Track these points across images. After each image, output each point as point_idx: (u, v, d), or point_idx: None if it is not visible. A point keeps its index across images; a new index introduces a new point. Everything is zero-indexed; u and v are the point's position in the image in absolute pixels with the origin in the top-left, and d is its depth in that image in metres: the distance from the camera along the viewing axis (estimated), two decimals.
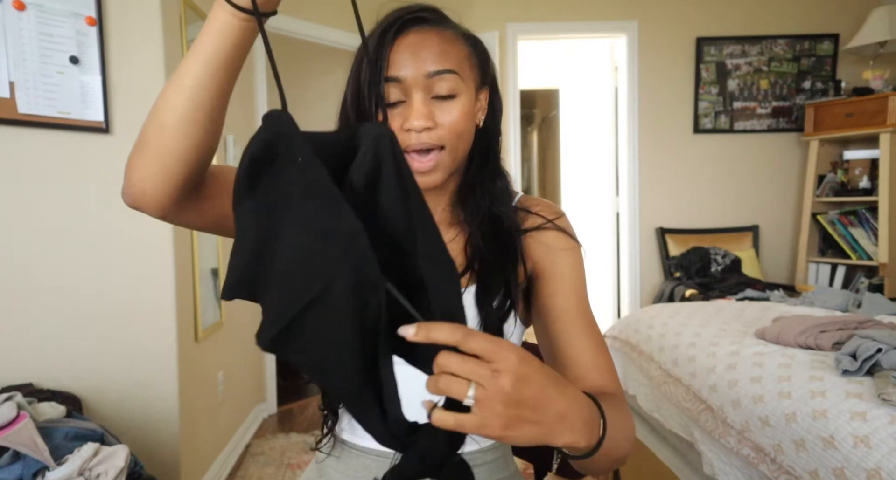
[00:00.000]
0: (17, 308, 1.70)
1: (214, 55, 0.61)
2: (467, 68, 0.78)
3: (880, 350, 1.43)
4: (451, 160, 0.77)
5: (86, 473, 1.27)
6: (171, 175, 0.64)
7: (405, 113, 0.74)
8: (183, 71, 0.61)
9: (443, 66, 0.74)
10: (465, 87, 0.76)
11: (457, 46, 0.77)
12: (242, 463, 2.58)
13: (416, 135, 0.74)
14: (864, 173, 3.45)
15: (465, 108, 0.76)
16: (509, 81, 3.76)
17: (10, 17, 1.60)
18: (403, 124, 0.74)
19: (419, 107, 0.73)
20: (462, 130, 0.76)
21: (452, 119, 0.75)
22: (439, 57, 0.74)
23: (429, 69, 0.73)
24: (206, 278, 2.29)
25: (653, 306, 2.42)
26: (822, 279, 3.57)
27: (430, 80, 0.74)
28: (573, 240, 0.83)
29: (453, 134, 0.75)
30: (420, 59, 0.74)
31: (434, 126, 0.74)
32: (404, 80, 0.73)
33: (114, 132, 1.79)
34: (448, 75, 0.74)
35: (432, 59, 0.74)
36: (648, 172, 3.84)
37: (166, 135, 0.61)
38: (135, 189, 0.65)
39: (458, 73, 0.75)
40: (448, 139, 0.75)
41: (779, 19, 3.77)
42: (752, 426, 1.46)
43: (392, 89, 0.74)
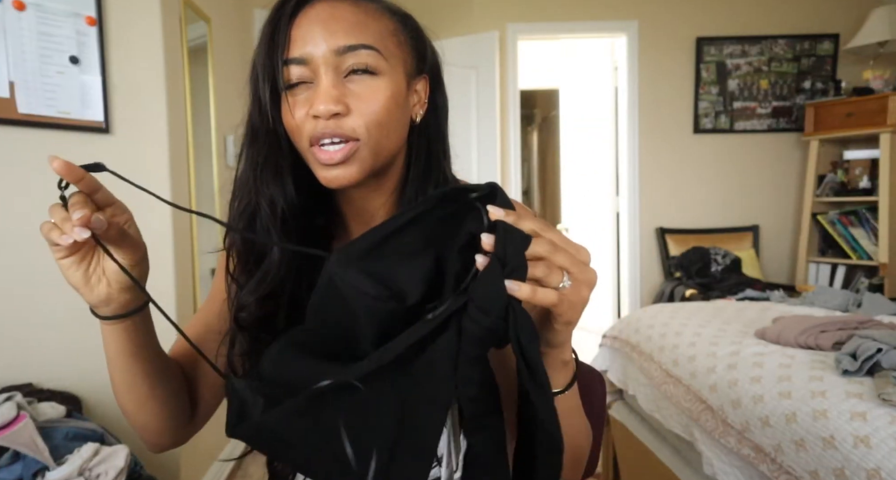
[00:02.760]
0: (17, 308, 1.70)
1: (118, 354, 0.64)
2: (392, 45, 0.64)
3: (880, 350, 1.43)
4: (372, 155, 0.62)
5: (86, 473, 1.27)
6: (170, 426, 0.70)
7: (311, 97, 0.61)
8: (111, 372, 0.66)
9: (357, 39, 0.60)
10: (388, 67, 0.62)
11: (377, 18, 0.63)
12: (242, 463, 2.58)
13: (323, 122, 0.60)
14: (864, 173, 3.45)
15: (389, 93, 0.62)
16: (509, 81, 3.76)
17: (10, 16, 1.60)
18: (309, 111, 0.61)
19: (327, 89, 0.60)
20: (383, 119, 0.62)
21: (370, 104, 0.61)
22: (353, 29, 0.60)
23: (339, 43, 0.60)
24: (206, 278, 2.30)
25: (653, 306, 2.42)
26: (822, 279, 3.57)
27: (341, 57, 0.60)
28: None
29: (372, 123, 0.61)
30: (328, 32, 0.60)
31: (346, 111, 0.60)
32: (309, 60, 0.60)
33: (114, 132, 1.79)
34: (364, 51, 0.60)
35: (343, 32, 0.60)
36: (648, 172, 3.84)
37: (138, 414, 0.68)
38: (154, 448, 0.73)
39: (377, 50, 0.61)
40: (365, 130, 0.61)
41: (779, 19, 3.77)
42: (752, 426, 1.46)
43: (295, 72, 0.61)
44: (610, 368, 2.35)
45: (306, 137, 0.62)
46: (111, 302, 0.60)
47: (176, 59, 1.97)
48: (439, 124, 0.72)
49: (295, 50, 0.61)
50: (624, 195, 3.89)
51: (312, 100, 0.60)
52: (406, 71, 0.66)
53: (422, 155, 0.70)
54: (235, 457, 1.32)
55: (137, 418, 0.68)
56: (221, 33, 2.59)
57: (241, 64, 2.94)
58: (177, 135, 1.95)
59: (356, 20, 0.61)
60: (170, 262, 1.86)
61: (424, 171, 0.70)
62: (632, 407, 2.25)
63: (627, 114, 3.81)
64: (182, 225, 1.97)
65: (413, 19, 0.70)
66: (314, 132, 0.61)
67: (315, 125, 0.61)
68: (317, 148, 0.61)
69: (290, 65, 0.61)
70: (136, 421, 0.69)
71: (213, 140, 2.41)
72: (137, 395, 0.67)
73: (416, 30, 0.69)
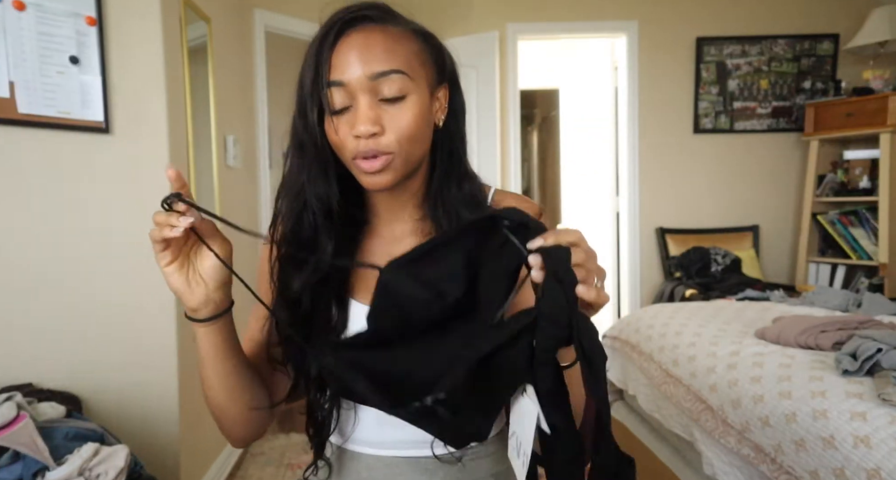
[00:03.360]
0: (17, 308, 1.70)
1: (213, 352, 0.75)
2: (417, 66, 0.74)
3: (880, 350, 1.43)
4: (404, 163, 0.74)
5: (86, 473, 1.27)
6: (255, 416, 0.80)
7: (352, 118, 0.71)
8: (204, 372, 0.76)
9: (388, 65, 0.70)
10: (414, 87, 0.72)
11: (404, 43, 0.73)
12: (242, 463, 2.58)
13: (363, 141, 0.71)
14: (864, 173, 3.45)
15: (417, 109, 0.72)
16: (509, 81, 3.76)
17: (10, 17, 1.61)
18: (351, 130, 0.71)
19: (365, 112, 0.70)
20: (414, 133, 0.72)
21: (402, 123, 0.71)
22: (384, 56, 0.70)
23: (373, 70, 0.70)
24: None
25: (653, 306, 2.42)
26: (822, 279, 3.57)
27: (375, 82, 0.70)
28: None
29: (403, 138, 0.72)
30: (363, 59, 0.70)
31: (382, 131, 0.71)
32: (347, 84, 0.70)
33: (114, 132, 1.79)
34: (394, 76, 0.70)
35: (377, 59, 0.70)
36: (648, 172, 3.84)
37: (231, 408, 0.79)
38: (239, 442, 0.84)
39: (405, 73, 0.71)
40: (398, 145, 0.72)
41: (779, 19, 3.77)
42: (752, 426, 1.46)
43: (336, 94, 0.71)
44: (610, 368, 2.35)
45: (349, 152, 0.73)
46: (209, 303, 0.71)
47: (176, 59, 1.97)
48: (458, 124, 0.81)
49: (335, 74, 0.71)
50: (624, 195, 3.89)
51: (353, 121, 0.71)
52: (429, 85, 0.76)
53: (445, 154, 0.80)
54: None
55: (229, 412, 0.79)
56: (221, 33, 2.59)
57: (241, 64, 2.94)
58: (177, 135, 1.95)
59: (386, 46, 0.71)
60: None
61: (448, 168, 0.80)
62: (632, 407, 2.25)
63: (627, 114, 3.81)
64: None
65: (434, 38, 0.79)
66: (356, 150, 0.72)
67: (357, 143, 0.71)
68: (359, 160, 0.72)
69: (331, 87, 0.71)
70: (228, 415, 0.79)
71: (213, 140, 2.41)
72: (230, 389, 0.77)
73: (437, 47, 0.79)
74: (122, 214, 1.81)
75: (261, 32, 3.13)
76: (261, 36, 3.13)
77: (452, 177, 0.80)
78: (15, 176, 1.68)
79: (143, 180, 1.83)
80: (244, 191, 2.93)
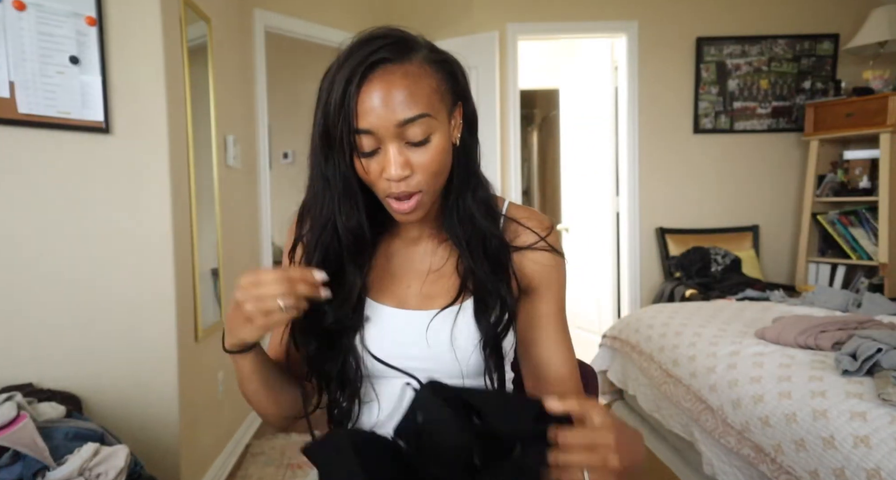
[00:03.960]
0: (17, 307, 1.70)
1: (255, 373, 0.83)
2: (437, 101, 0.76)
3: (880, 350, 1.43)
4: (431, 196, 0.79)
5: (86, 473, 1.27)
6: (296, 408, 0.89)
7: (382, 161, 0.75)
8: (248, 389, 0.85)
9: (413, 111, 0.73)
10: (438, 124, 0.76)
11: (424, 81, 0.75)
12: (242, 463, 2.58)
13: (395, 184, 0.75)
14: (864, 173, 3.45)
15: (441, 146, 0.76)
16: (509, 81, 3.76)
17: (10, 17, 1.61)
18: (382, 173, 0.75)
19: (395, 158, 0.74)
20: (439, 169, 0.77)
21: (428, 162, 0.76)
22: (408, 101, 0.73)
23: (399, 118, 0.72)
24: (206, 278, 2.29)
25: (653, 306, 2.42)
26: (822, 279, 3.57)
27: (402, 129, 0.73)
28: (560, 256, 0.88)
29: (431, 175, 0.76)
30: (389, 107, 0.72)
31: (412, 172, 0.75)
32: (376, 132, 0.73)
33: (114, 132, 1.79)
34: (420, 120, 0.73)
35: (402, 106, 0.72)
36: (648, 172, 3.84)
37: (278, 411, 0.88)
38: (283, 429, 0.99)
39: (430, 115, 0.74)
40: (426, 182, 0.76)
41: (779, 19, 3.77)
42: (752, 426, 1.46)
43: (364, 140, 0.74)
44: (610, 368, 2.35)
45: (381, 192, 0.78)
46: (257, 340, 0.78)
47: (176, 59, 1.97)
48: (472, 135, 0.84)
49: (363, 122, 0.73)
50: (624, 195, 3.89)
51: (383, 164, 0.75)
52: (448, 113, 0.78)
53: (461, 167, 0.83)
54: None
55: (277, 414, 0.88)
56: (221, 33, 2.59)
57: (241, 64, 2.94)
58: (177, 135, 1.95)
59: (409, 92, 0.73)
60: (169, 262, 1.86)
61: (464, 178, 0.83)
62: (632, 407, 2.25)
63: (627, 114, 3.80)
64: (182, 225, 1.97)
65: (449, 59, 0.81)
66: (388, 191, 0.77)
67: (389, 185, 0.76)
68: (391, 200, 0.78)
69: (360, 135, 0.74)
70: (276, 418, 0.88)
71: (213, 140, 2.41)
72: (275, 397, 0.85)
73: (451, 70, 0.80)
74: (123, 214, 1.81)
75: (261, 32, 3.13)
76: (261, 36, 3.13)
77: (468, 186, 0.84)
78: (15, 176, 1.68)
79: (143, 180, 1.83)
80: (244, 190, 2.93)
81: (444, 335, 0.82)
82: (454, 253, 0.86)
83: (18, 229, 1.70)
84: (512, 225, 0.87)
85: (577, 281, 4.35)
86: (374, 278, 0.87)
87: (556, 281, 0.88)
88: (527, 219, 0.88)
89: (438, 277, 0.86)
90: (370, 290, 0.86)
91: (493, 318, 0.81)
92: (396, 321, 0.85)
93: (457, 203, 0.83)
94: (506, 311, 0.82)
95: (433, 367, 0.83)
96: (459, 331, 0.82)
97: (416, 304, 0.86)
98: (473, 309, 0.83)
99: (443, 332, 0.82)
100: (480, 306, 0.82)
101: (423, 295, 0.86)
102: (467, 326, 0.82)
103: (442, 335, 0.82)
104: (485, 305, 0.82)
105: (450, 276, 0.86)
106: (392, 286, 0.87)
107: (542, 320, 0.88)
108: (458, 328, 0.82)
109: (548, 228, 0.88)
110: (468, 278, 0.83)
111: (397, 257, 0.89)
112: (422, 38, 0.79)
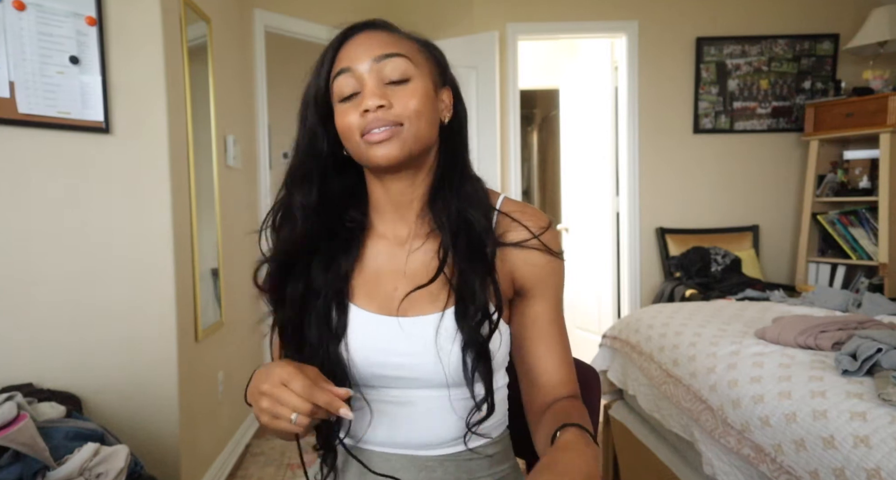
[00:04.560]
0: (17, 308, 1.70)
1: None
2: (421, 59, 0.79)
3: (880, 350, 1.43)
4: (413, 137, 0.76)
5: (86, 473, 1.27)
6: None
7: (360, 100, 0.76)
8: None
9: (392, 50, 0.76)
10: (418, 73, 0.77)
11: (407, 41, 0.79)
12: (242, 463, 2.58)
13: (372, 114, 0.74)
14: (864, 173, 3.45)
15: (422, 91, 0.77)
16: (509, 81, 3.76)
17: (10, 17, 1.61)
18: (359, 108, 0.75)
19: (372, 89, 0.75)
20: (420, 109, 0.76)
21: (408, 99, 0.75)
22: (388, 44, 0.76)
23: (377, 53, 0.75)
24: (206, 278, 2.29)
25: (653, 306, 2.42)
26: (822, 279, 3.57)
27: (380, 64, 0.75)
28: (557, 256, 0.84)
29: (411, 111, 0.75)
30: (368, 48, 0.76)
31: (389, 105, 0.75)
32: (355, 69, 0.75)
33: (114, 132, 1.79)
34: (397, 58, 0.76)
35: (380, 46, 0.76)
36: (648, 172, 3.84)
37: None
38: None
39: (408, 58, 0.77)
40: (406, 116, 0.75)
41: (779, 19, 3.77)
42: (752, 426, 1.46)
43: (346, 80, 0.76)
44: (610, 368, 2.35)
45: (357, 131, 0.75)
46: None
47: (176, 58, 1.97)
48: (462, 129, 0.85)
49: (341, 63, 0.76)
50: (624, 195, 3.89)
51: (361, 101, 0.75)
52: (432, 79, 0.79)
53: (449, 153, 0.83)
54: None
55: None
56: (221, 33, 2.59)
57: (241, 64, 2.94)
58: (177, 135, 1.95)
59: (389, 39, 0.77)
60: (170, 262, 1.86)
61: (451, 166, 0.82)
62: (632, 407, 2.25)
63: (627, 114, 3.80)
64: (182, 225, 1.97)
65: (437, 49, 0.83)
66: (365, 125, 0.75)
67: (365, 119, 0.74)
68: (367, 134, 0.75)
69: (339, 76, 0.76)
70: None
71: (213, 140, 2.41)
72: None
73: (440, 56, 0.83)
74: (122, 214, 1.81)
75: (261, 32, 3.13)
76: (261, 36, 3.13)
77: (455, 176, 0.82)
78: (15, 176, 1.68)
79: (143, 180, 1.83)
80: (244, 191, 2.93)
81: (428, 339, 0.79)
82: (435, 241, 0.82)
83: (18, 229, 1.70)
84: (505, 220, 0.83)
85: (577, 281, 4.35)
86: (360, 282, 0.84)
87: (552, 284, 0.84)
88: (521, 214, 0.83)
89: (425, 279, 0.81)
90: (355, 296, 0.83)
91: (475, 320, 0.77)
92: (380, 328, 0.81)
93: (443, 189, 0.82)
94: (489, 313, 0.78)
95: (418, 376, 0.80)
96: (443, 336, 0.78)
97: (403, 309, 0.81)
98: (455, 311, 0.78)
99: (427, 337, 0.79)
100: (461, 307, 0.78)
101: (409, 299, 0.81)
102: (451, 330, 0.79)
103: (426, 339, 0.79)
104: (466, 306, 0.78)
105: (429, 263, 0.82)
106: (378, 290, 0.83)
107: (536, 324, 0.84)
108: (442, 332, 0.78)
109: (544, 227, 0.83)
110: (445, 261, 0.79)
111: (384, 259, 0.85)
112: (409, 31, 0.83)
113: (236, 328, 2.66)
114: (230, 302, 2.54)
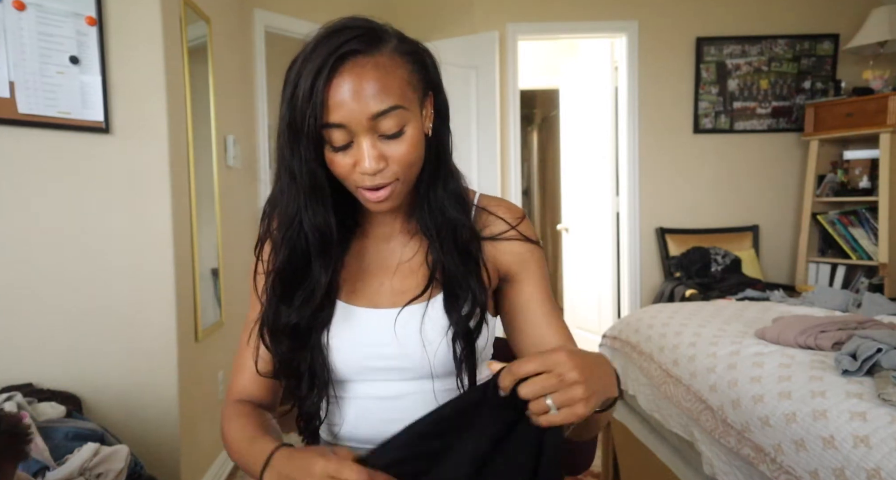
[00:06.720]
0: (17, 308, 1.70)
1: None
2: (409, 92, 0.74)
3: (880, 350, 1.43)
4: (405, 185, 0.78)
5: (86, 473, 1.27)
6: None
7: (354, 154, 0.73)
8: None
9: (386, 103, 0.71)
10: (411, 116, 0.74)
11: (396, 72, 0.73)
12: None
13: (369, 177, 0.74)
14: (864, 173, 3.45)
15: (415, 138, 0.75)
16: (509, 81, 3.75)
17: (10, 17, 1.61)
18: (355, 167, 0.74)
19: (369, 151, 0.72)
20: (413, 160, 0.76)
21: (402, 154, 0.74)
22: (380, 93, 0.70)
23: (371, 111, 0.70)
24: (206, 278, 2.29)
25: (653, 306, 2.42)
26: (822, 279, 3.57)
27: (375, 122, 0.71)
28: (534, 243, 0.88)
29: (405, 166, 0.75)
30: (361, 100, 0.70)
31: (385, 165, 0.74)
32: (348, 125, 0.71)
33: (114, 132, 1.79)
34: (393, 112, 0.71)
35: (374, 98, 0.70)
36: (648, 172, 3.84)
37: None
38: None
39: (402, 107, 0.72)
40: (401, 173, 0.75)
41: (779, 19, 3.77)
42: (752, 426, 1.46)
43: (336, 134, 0.72)
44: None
45: (354, 183, 0.76)
46: None
47: (176, 58, 1.97)
48: (444, 125, 0.82)
49: (334, 116, 0.71)
50: (624, 195, 3.89)
51: (356, 157, 0.73)
52: (419, 103, 0.77)
53: (432, 157, 0.81)
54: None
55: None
56: (221, 33, 2.59)
57: (241, 64, 2.94)
58: (177, 135, 1.95)
59: (380, 84, 0.71)
60: (170, 262, 1.86)
61: (435, 169, 0.82)
62: (632, 407, 2.25)
63: (627, 114, 3.80)
64: (182, 225, 1.97)
65: (420, 49, 0.78)
66: (362, 183, 0.75)
67: (362, 178, 0.74)
68: (364, 190, 0.76)
69: (331, 129, 0.72)
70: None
71: (213, 140, 2.41)
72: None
73: (422, 60, 0.78)
74: (123, 214, 1.81)
75: (261, 32, 3.13)
76: (261, 36, 3.13)
77: (439, 177, 0.82)
78: (15, 176, 1.68)
79: (142, 180, 1.83)
80: (244, 191, 2.93)
81: (413, 330, 0.81)
82: (425, 247, 0.85)
83: (18, 229, 1.70)
84: (483, 214, 0.87)
85: (578, 281, 4.35)
86: (345, 279, 0.85)
87: (535, 267, 0.87)
88: (497, 207, 0.88)
89: (410, 272, 0.85)
90: (342, 292, 0.85)
91: (464, 311, 0.80)
92: (368, 322, 0.84)
93: (428, 194, 0.82)
94: (476, 303, 0.81)
95: (405, 366, 0.82)
96: (429, 326, 0.81)
97: (388, 302, 0.84)
98: (444, 301, 0.81)
99: (412, 327, 0.81)
100: (451, 299, 0.81)
101: (394, 292, 0.84)
102: (437, 320, 0.81)
103: (411, 330, 0.81)
104: (455, 297, 0.81)
105: (421, 270, 0.85)
106: (364, 286, 0.86)
107: (529, 302, 0.87)
108: (427, 322, 0.81)
109: (519, 217, 0.88)
110: (437, 270, 0.82)
111: (369, 255, 0.88)
112: (390, 28, 0.76)
113: (236, 328, 2.66)
114: (230, 302, 2.54)
